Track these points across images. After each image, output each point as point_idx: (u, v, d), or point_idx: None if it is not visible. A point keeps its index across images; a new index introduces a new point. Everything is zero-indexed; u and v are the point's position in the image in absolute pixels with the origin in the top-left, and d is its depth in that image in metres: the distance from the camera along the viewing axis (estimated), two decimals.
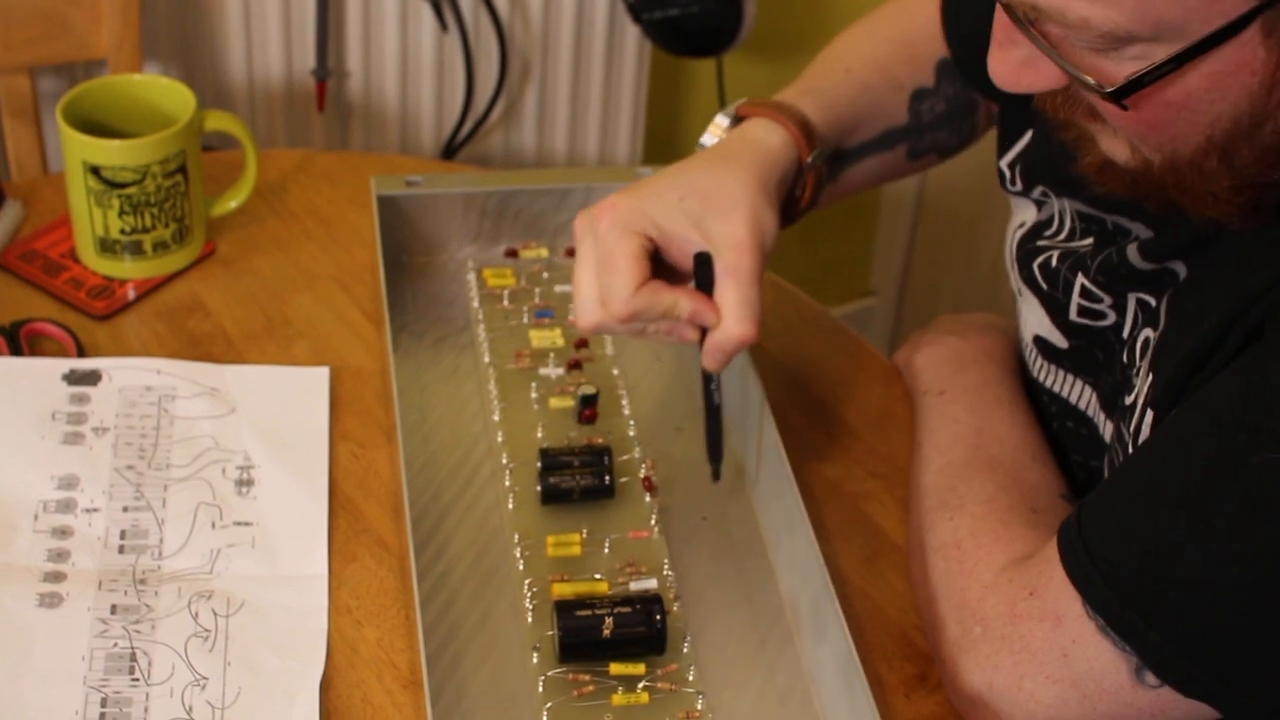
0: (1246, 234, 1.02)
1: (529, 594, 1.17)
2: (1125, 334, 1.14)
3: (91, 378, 1.32)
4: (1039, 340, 1.24)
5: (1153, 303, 1.11)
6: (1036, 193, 1.24)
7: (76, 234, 1.45)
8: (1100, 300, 1.15)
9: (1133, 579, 0.97)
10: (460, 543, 1.21)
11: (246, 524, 1.22)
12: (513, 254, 1.46)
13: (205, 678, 1.11)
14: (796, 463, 1.22)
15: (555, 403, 1.32)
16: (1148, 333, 1.10)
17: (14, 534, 1.19)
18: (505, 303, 1.42)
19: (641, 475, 1.27)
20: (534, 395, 1.33)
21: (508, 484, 1.25)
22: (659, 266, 1.18)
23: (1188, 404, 1.00)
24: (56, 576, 1.16)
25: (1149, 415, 1.06)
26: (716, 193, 1.17)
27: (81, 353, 1.35)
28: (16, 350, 1.34)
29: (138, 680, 1.10)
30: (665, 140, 2.43)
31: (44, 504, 1.22)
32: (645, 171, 1.48)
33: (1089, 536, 1.00)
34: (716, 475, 1.23)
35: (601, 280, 1.15)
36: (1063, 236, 1.21)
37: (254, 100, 2.03)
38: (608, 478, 1.24)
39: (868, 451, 1.32)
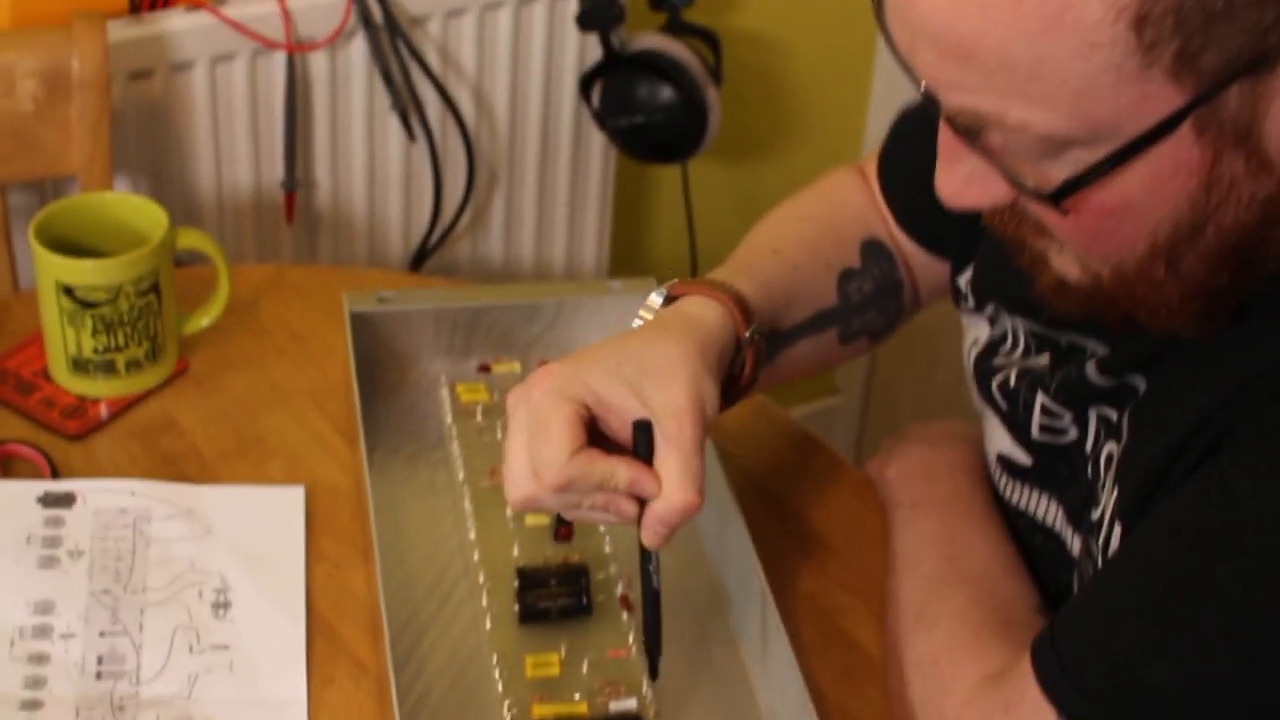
0: (1203, 345, 1.03)
1: (509, 715, 1.17)
2: (1088, 449, 1.15)
3: (66, 500, 1.31)
4: (1002, 458, 1.25)
5: (1114, 417, 1.12)
6: (989, 310, 1.25)
7: (49, 353, 1.45)
8: (1061, 417, 1.16)
9: (1104, 689, 0.98)
10: (438, 662, 1.21)
11: (224, 647, 1.22)
12: (485, 369, 1.47)
13: None
14: (771, 577, 1.22)
15: (530, 520, 1.32)
16: (1111, 447, 1.11)
17: None
18: (479, 418, 1.42)
19: (618, 593, 1.27)
20: (509, 513, 1.33)
21: (485, 603, 1.25)
22: (596, 438, 1.11)
23: (1152, 516, 1.02)
24: (34, 704, 1.16)
25: (1118, 528, 1.07)
26: (655, 361, 1.12)
27: (55, 474, 1.35)
28: None
29: None
30: (631, 247, 2.45)
31: (20, 629, 1.21)
32: (615, 285, 1.49)
33: (1062, 649, 1.01)
34: (654, 672, 1.16)
35: (533, 448, 1.10)
36: (1018, 354, 1.23)
37: (223, 210, 2.03)
38: (585, 596, 1.24)
39: (842, 565, 1.33)
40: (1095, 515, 1.11)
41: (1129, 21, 0.86)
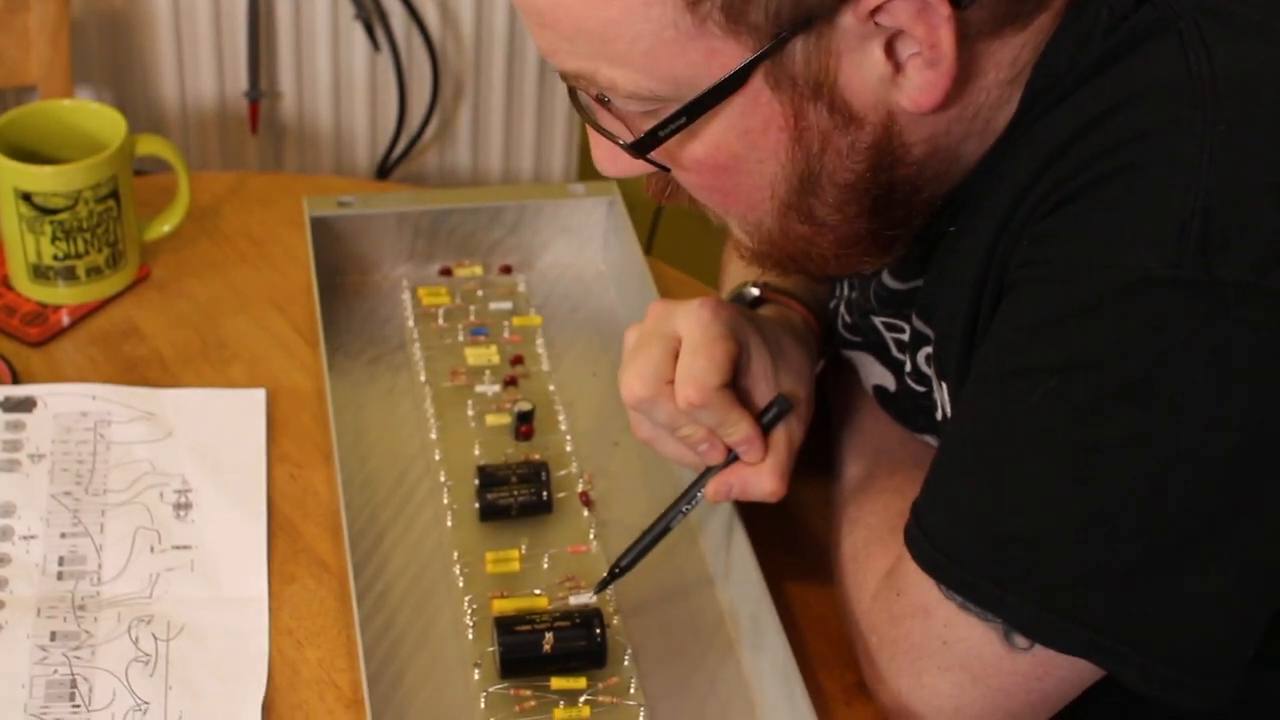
0: (945, 229, 1.06)
1: (469, 611, 1.17)
2: (919, 358, 1.16)
3: (27, 404, 1.31)
4: (877, 389, 1.25)
5: (917, 322, 1.14)
6: None
7: (9, 260, 1.44)
8: (903, 330, 1.18)
9: (974, 549, 0.99)
10: (399, 561, 1.22)
11: (185, 547, 1.22)
12: (447, 272, 1.47)
13: (146, 702, 1.11)
14: None
15: (492, 420, 1.33)
16: (927, 349, 1.13)
17: None
18: (440, 321, 1.42)
19: (579, 490, 1.27)
20: (470, 413, 1.33)
21: (446, 501, 1.26)
22: None
23: (967, 382, 1.03)
24: None
25: None
26: (792, 356, 1.20)
27: (16, 380, 1.35)
28: None
29: (78, 707, 1.10)
30: None
31: None
32: (578, 188, 1.49)
33: (925, 523, 1.02)
34: (603, 587, 1.17)
35: (688, 360, 1.13)
36: (842, 295, 1.27)
37: (187, 123, 2.03)
38: (545, 493, 1.25)
39: (803, 460, 1.33)
40: (940, 416, 1.13)
41: None
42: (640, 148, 0.99)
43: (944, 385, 1.10)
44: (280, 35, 2.01)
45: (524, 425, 1.31)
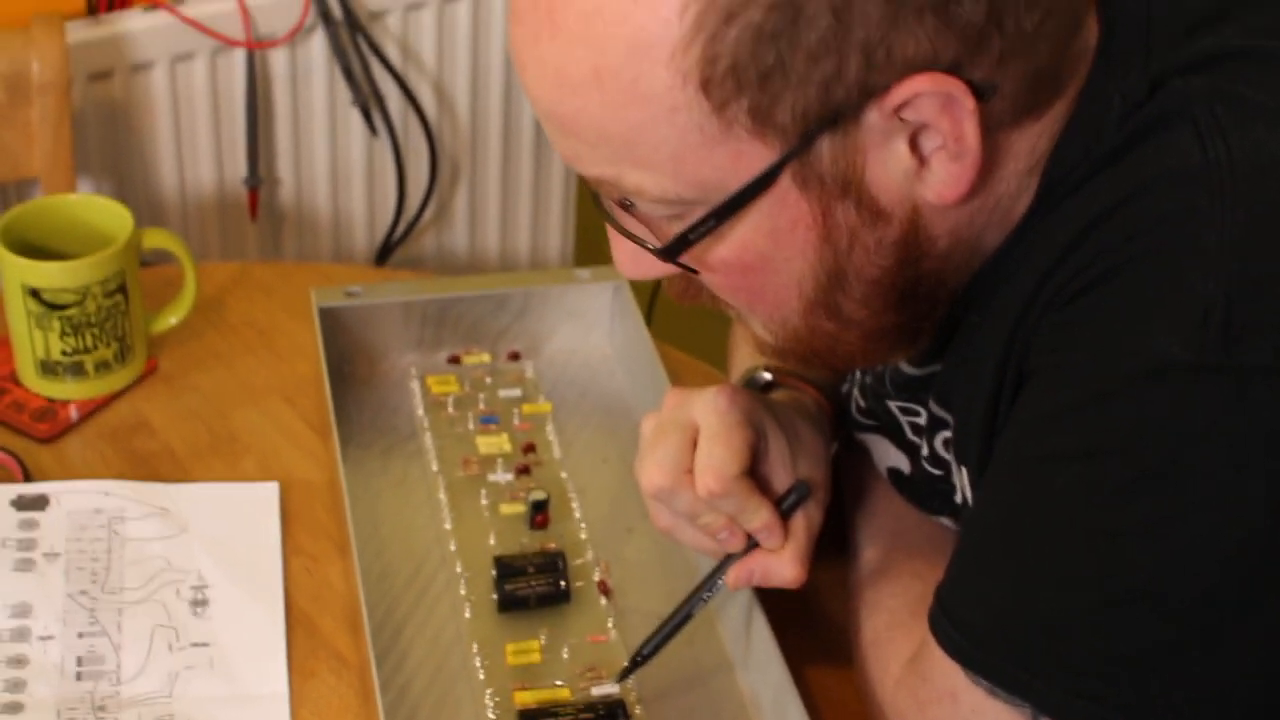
0: (965, 315, 1.06)
1: (491, 704, 1.17)
2: (936, 442, 1.17)
3: (39, 502, 1.31)
4: (892, 471, 1.26)
5: (935, 407, 1.14)
6: None
7: (17, 356, 1.44)
8: (919, 414, 1.18)
9: (999, 634, 0.99)
10: (419, 654, 1.21)
11: (203, 644, 1.21)
12: (455, 360, 1.47)
13: None
14: None
15: (506, 509, 1.33)
16: (945, 434, 1.13)
17: None
18: (450, 409, 1.42)
19: (596, 579, 1.27)
20: (484, 502, 1.33)
21: (463, 592, 1.26)
22: None
23: (989, 468, 1.03)
24: (14, 708, 1.16)
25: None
26: (809, 441, 1.20)
27: (28, 477, 1.35)
28: None
29: None
30: (596, 237, 2.44)
31: None
32: (583, 274, 1.49)
33: (949, 609, 1.02)
34: (625, 676, 1.19)
35: (706, 448, 1.13)
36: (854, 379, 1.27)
37: (186, 209, 2.03)
38: (563, 583, 1.24)
39: (819, 544, 1.33)
40: (959, 500, 1.13)
41: (696, 85, 0.91)
42: (669, 253, 0.99)
43: (963, 470, 1.10)
44: (278, 122, 2.02)
45: (539, 514, 1.31)
